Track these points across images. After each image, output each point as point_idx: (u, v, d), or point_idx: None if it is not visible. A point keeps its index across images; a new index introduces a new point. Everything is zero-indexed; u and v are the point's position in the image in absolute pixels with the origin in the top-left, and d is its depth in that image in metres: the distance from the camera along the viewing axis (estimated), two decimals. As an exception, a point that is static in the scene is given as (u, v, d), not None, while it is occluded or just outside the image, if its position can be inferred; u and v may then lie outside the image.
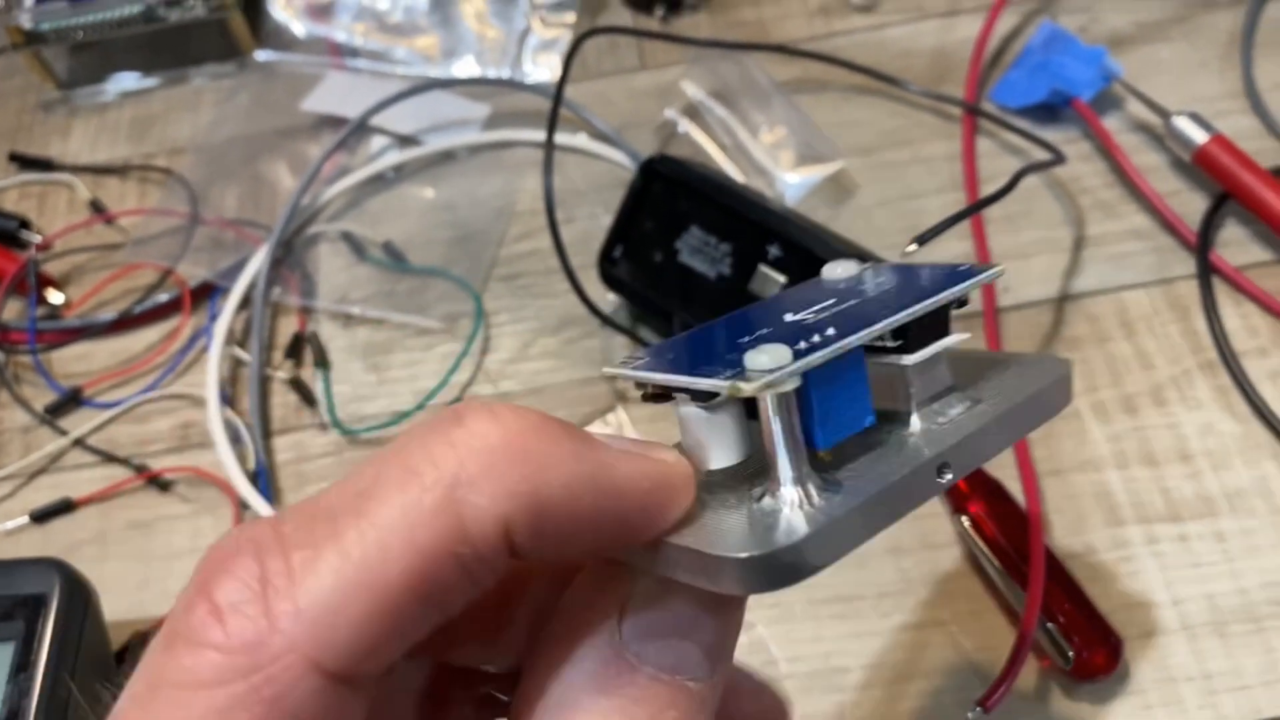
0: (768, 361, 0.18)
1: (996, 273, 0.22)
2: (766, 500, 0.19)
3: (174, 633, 0.15)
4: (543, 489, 0.16)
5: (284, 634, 0.15)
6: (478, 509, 0.16)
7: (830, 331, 0.19)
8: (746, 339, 0.20)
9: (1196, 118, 0.48)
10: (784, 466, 0.19)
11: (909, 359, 0.21)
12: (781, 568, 0.18)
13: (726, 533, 0.19)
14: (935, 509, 0.41)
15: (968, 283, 0.21)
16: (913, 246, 0.36)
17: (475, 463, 0.16)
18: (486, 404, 0.17)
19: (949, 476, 0.20)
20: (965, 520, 0.39)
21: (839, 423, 0.20)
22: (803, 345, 0.19)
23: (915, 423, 0.21)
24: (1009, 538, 0.39)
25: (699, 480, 0.20)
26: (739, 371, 0.18)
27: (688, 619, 0.19)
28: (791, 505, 0.19)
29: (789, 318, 0.21)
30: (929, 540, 0.41)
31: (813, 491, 0.19)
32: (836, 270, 0.23)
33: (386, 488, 0.16)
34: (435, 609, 0.16)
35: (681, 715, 0.18)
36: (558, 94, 0.48)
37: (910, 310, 0.20)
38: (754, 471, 0.20)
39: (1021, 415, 0.22)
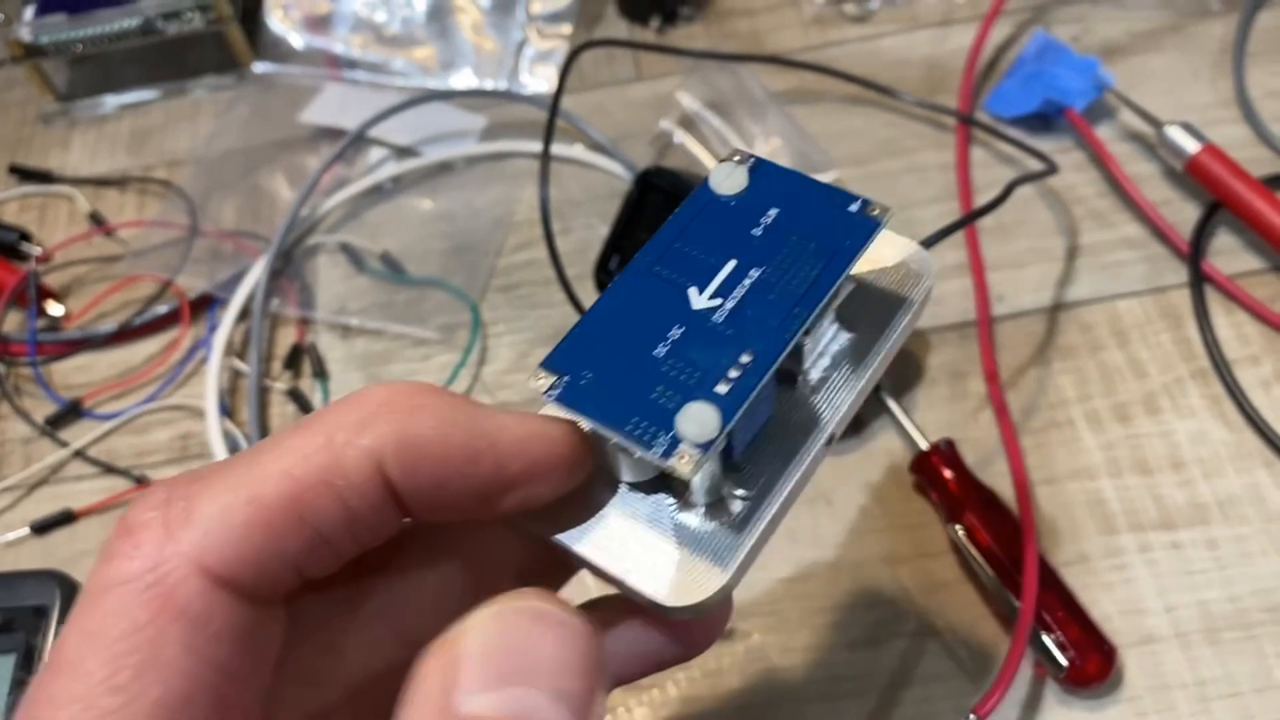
0: (698, 433, 0.19)
1: (885, 220, 0.22)
2: (686, 517, 0.21)
3: (101, 552, 0.19)
4: (411, 427, 0.19)
5: (175, 541, 0.18)
6: (352, 446, 0.19)
7: (745, 360, 0.20)
8: (663, 349, 0.21)
9: (1188, 127, 0.48)
10: (701, 494, 0.21)
11: (805, 338, 0.22)
12: (704, 607, 0.20)
13: (648, 563, 0.21)
14: (930, 518, 0.42)
15: (860, 250, 0.22)
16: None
17: (355, 414, 0.19)
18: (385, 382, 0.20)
19: (834, 444, 0.23)
20: (959, 529, 0.40)
21: (751, 431, 0.22)
22: (724, 390, 0.20)
23: (805, 382, 0.23)
24: (1002, 546, 0.39)
25: (595, 455, 0.21)
26: (671, 445, 0.19)
27: (525, 669, 0.18)
28: (712, 528, 0.21)
29: (697, 300, 0.21)
30: (924, 549, 0.41)
31: (730, 511, 0.21)
32: (726, 185, 0.23)
33: (280, 439, 0.19)
34: (310, 531, 0.18)
35: None
36: (554, 105, 0.48)
37: (818, 304, 0.21)
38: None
39: (895, 345, 0.24)
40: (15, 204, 0.58)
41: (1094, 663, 0.37)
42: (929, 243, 0.37)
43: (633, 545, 0.21)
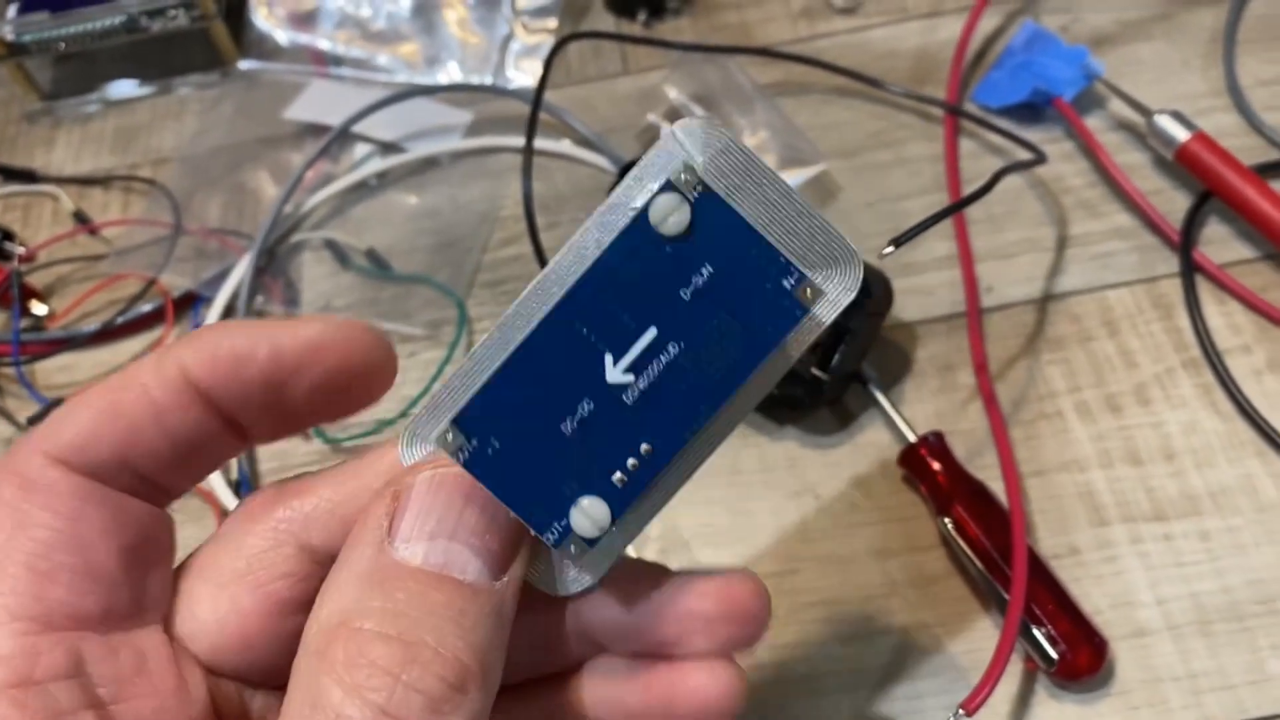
0: (588, 527, 0.21)
1: (814, 309, 0.22)
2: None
3: None
4: (212, 343, 0.22)
5: (31, 439, 0.22)
6: (161, 365, 0.22)
7: (644, 450, 0.21)
8: (570, 425, 0.21)
9: (1178, 116, 0.48)
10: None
11: None
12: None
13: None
14: (919, 511, 0.41)
15: (781, 341, 0.22)
16: (890, 249, 0.36)
17: (165, 348, 0.23)
18: None
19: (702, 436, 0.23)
20: (948, 522, 0.39)
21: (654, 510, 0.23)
22: (619, 482, 0.21)
23: None
24: (992, 539, 0.38)
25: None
26: (563, 534, 0.21)
27: (452, 524, 0.21)
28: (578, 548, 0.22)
29: (611, 373, 0.21)
30: (913, 543, 0.41)
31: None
32: (667, 225, 0.21)
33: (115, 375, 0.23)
34: (131, 425, 0.22)
35: (449, 600, 0.20)
36: (536, 98, 0.48)
37: (724, 401, 0.22)
38: None
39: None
40: (-1, 203, 0.58)
41: (1085, 656, 0.36)
42: (911, 235, 0.36)
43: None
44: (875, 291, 0.43)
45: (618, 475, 0.21)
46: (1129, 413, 0.43)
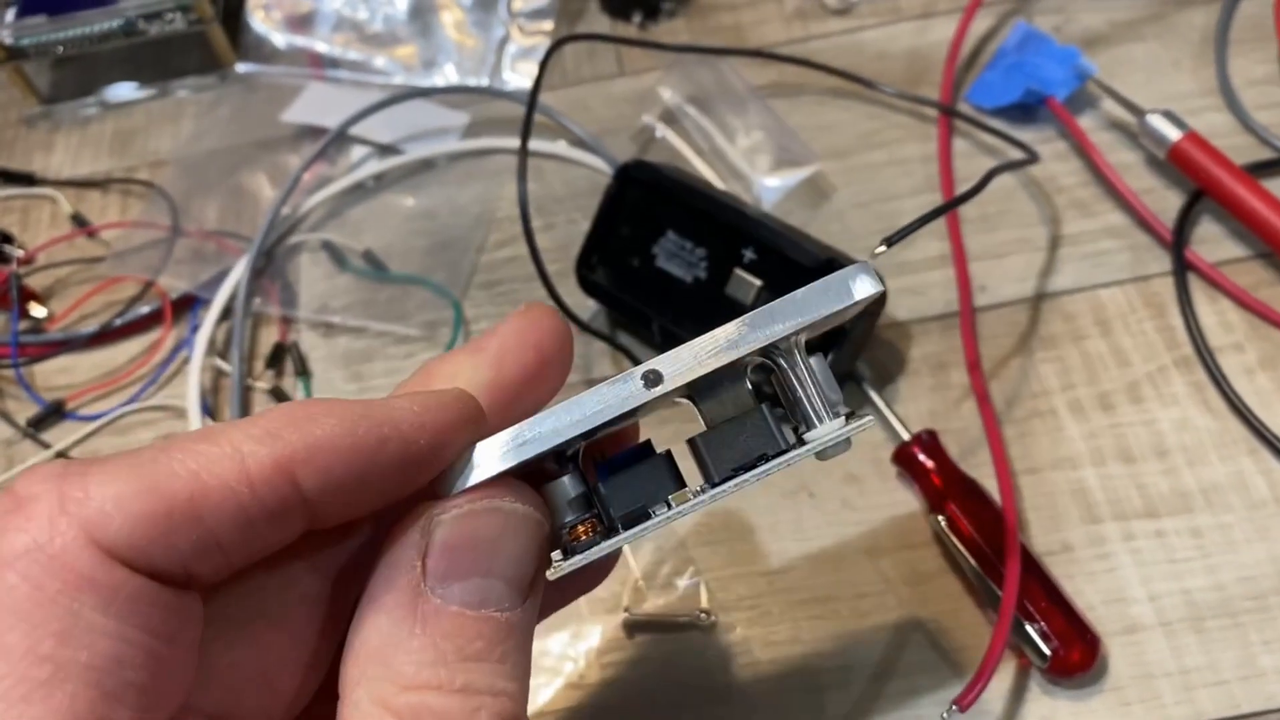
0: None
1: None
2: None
3: None
4: (316, 431, 0.19)
5: (68, 515, 0.18)
6: (257, 458, 0.19)
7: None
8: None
9: (1170, 115, 0.48)
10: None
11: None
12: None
13: None
14: (912, 508, 0.41)
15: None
16: (881, 248, 0.36)
17: (260, 427, 0.19)
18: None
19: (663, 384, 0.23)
20: (941, 519, 0.40)
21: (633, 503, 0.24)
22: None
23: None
24: (985, 536, 0.39)
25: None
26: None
27: (487, 560, 0.21)
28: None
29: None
30: (906, 540, 0.41)
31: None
32: None
33: (187, 442, 0.19)
34: (203, 531, 0.19)
35: (490, 642, 0.20)
36: (531, 99, 0.48)
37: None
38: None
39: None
40: (-2, 207, 0.58)
41: (1077, 652, 0.37)
42: (903, 235, 0.36)
43: None
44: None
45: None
46: (1121, 411, 0.43)
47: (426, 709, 0.19)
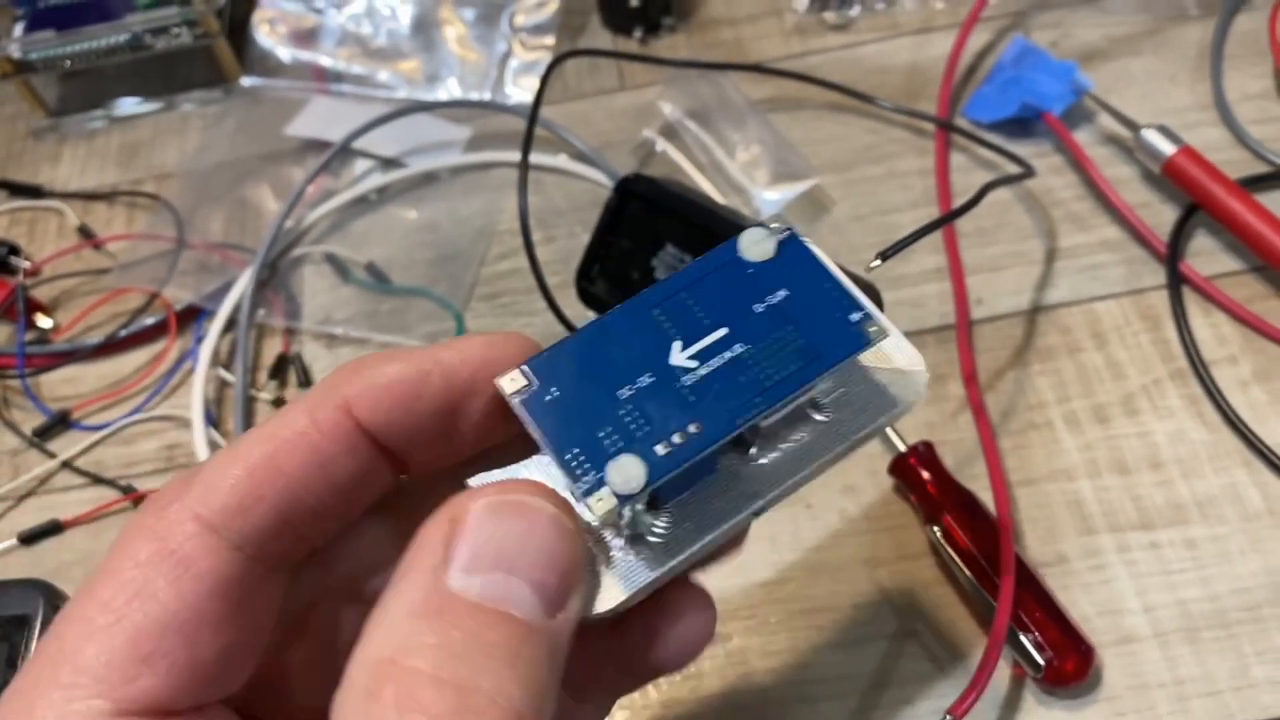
0: (621, 483, 0.21)
1: (875, 340, 0.23)
2: (607, 535, 0.23)
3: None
4: (369, 373, 0.22)
5: (182, 499, 0.21)
6: (322, 406, 0.21)
7: (693, 429, 0.21)
8: (628, 392, 0.22)
9: (1165, 130, 0.49)
10: (623, 525, 0.22)
11: (762, 421, 0.23)
12: (590, 619, 0.22)
13: None
14: (909, 520, 0.42)
15: (840, 363, 0.22)
16: (876, 262, 0.36)
17: (325, 384, 0.22)
18: None
19: (763, 514, 0.24)
20: (937, 530, 0.40)
21: (682, 489, 0.23)
22: (661, 452, 0.21)
23: (758, 453, 0.24)
24: (980, 547, 0.39)
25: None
26: (594, 486, 0.21)
27: (511, 556, 0.20)
28: (622, 554, 0.22)
29: (676, 356, 0.22)
30: (903, 551, 0.41)
31: (646, 547, 0.22)
32: (753, 250, 0.24)
33: (270, 418, 0.22)
34: (287, 479, 0.21)
35: (504, 639, 0.19)
36: (533, 114, 0.49)
37: (778, 402, 0.22)
38: None
39: (860, 442, 0.24)
40: (5, 218, 0.59)
41: (1072, 662, 0.37)
42: (898, 248, 0.37)
43: None
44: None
45: (661, 446, 0.21)
46: (1116, 423, 0.43)
47: (412, 697, 0.18)
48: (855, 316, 0.23)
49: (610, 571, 0.22)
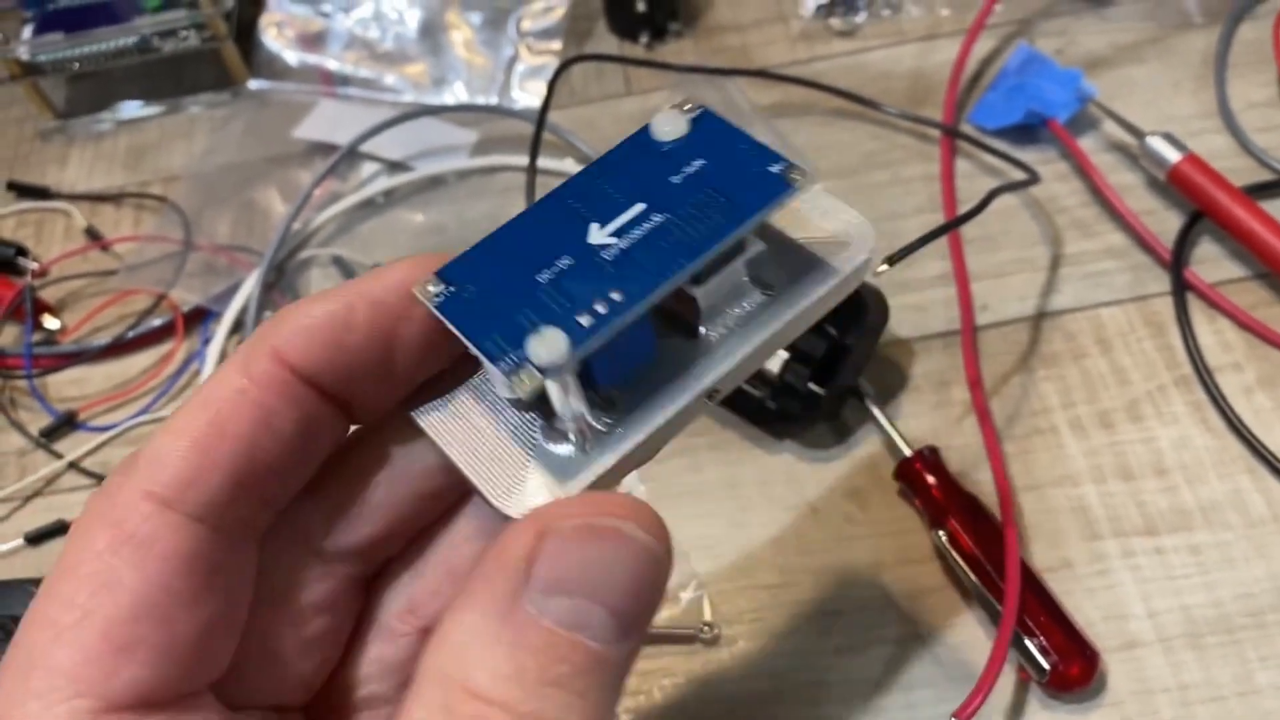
0: (543, 356, 0.19)
1: (799, 187, 0.22)
2: (549, 436, 0.22)
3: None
4: (295, 316, 0.21)
5: (128, 477, 0.20)
6: (254, 360, 0.21)
7: (615, 297, 0.20)
8: (546, 275, 0.21)
9: (1170, 138, 0.49)
10: (564, 419, 0.21)
11: (696, 290, 0.22)
12: None
13: (498, 469, 0.22)
14: (914, 524, 0.42)
15: (762, 210, 0.21)
16: (884, 267, 0.36)
17: (255, 337, 0.21)
18: None
19: (718, 398, 0.22)
20: (942, 534, 0.40)
21: (619, 367, 0.22)
22: (584, 322, 0.20)
23: (705, 336, 0.22)
24: (985, 552, 0.39)
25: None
26: (519, 363, 0.20)
27: (594, 583, 0.19)
28: (570, 451, 0.21)
29: (595, 235, 0.22)
30: (909, 555, 0.41)
31: (588, 435, 0.21)
32: (665, 130, 0.23)
33: (205, 383, 0.21)
34: (233, 439, 0.20)
35: (576, 670, 0.18)
36: (540, 118, 0.49)
37: (702, 256, 0.21)
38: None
39: (807, 314, 0.23)
40: (13, 219, 0.59)
41: (1077, 667, 0.37)
42: (904, 253, 0.37)
43: (490, 450, 0.22)
44: (872, 308, 0.44)
45: (584, 317, 0.20)
46: (1121, 429, 0.43)
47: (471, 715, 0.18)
48: (776, 167, 0.22)
49: (549, 472, 0.21)
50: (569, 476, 0.21)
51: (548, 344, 0.19)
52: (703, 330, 0.22)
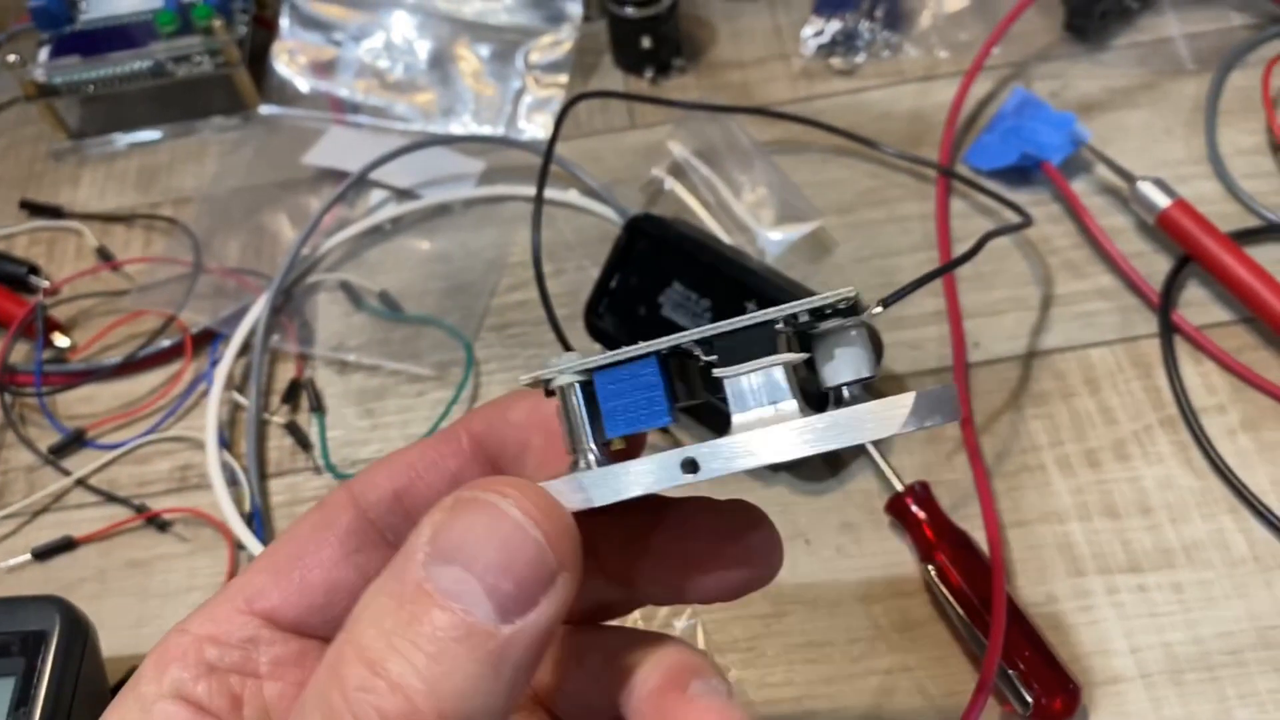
0: (556, 362, 0.22)
1: (835, 297, 0.22)
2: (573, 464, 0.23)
3: None
4: (368, 475, 0.26)
5: (345, 487, 0.26)
6: (448, 432, 0.26)
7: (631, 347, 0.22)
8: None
9: (1160, 183, 0.50)
10: (566, 441, 0.23)
11: (718, 371, 0.22)
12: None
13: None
14: (905, 557, 0.43)
15: (786, 308, 0.22)
16: (878, 309, 0.37)
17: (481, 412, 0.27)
18: None
19: (698, 473, 0.22)
20: (931, 569, 0.41)
21: (625, 418, 0.22)
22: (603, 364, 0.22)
23: (734, 422, 0.22)
24: (973, 586, 0.40)
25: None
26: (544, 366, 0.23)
27: (469, 557, 0.20)
28: (569, 472, 0.22)
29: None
30: (899, 588, 0.42)
31: (582, 466, 0.23)
32: None
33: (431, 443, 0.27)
34: (410, 476, 0.26)
35: (433, 634, 0.19)
36: (548, 152, 0.50)
37: (706, 328, 0.22)
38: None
39: (826, 446, 0.22)
40: (25, 238, 0.60)
41: (1059, 701, 0.38)
42: (899, 295, 0.38)
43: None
44: (866, 346, 0.45)
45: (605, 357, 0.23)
46: (1108, 468, 0.44)
47: (335, 669, 0.19)
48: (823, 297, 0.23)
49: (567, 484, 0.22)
50: (575, 494, 0.22)
51: (565, 357, 0.22)
52: (735, 420, 0.22)
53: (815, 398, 0.23)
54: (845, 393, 0.23)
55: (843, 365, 0.23)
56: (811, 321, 0.22)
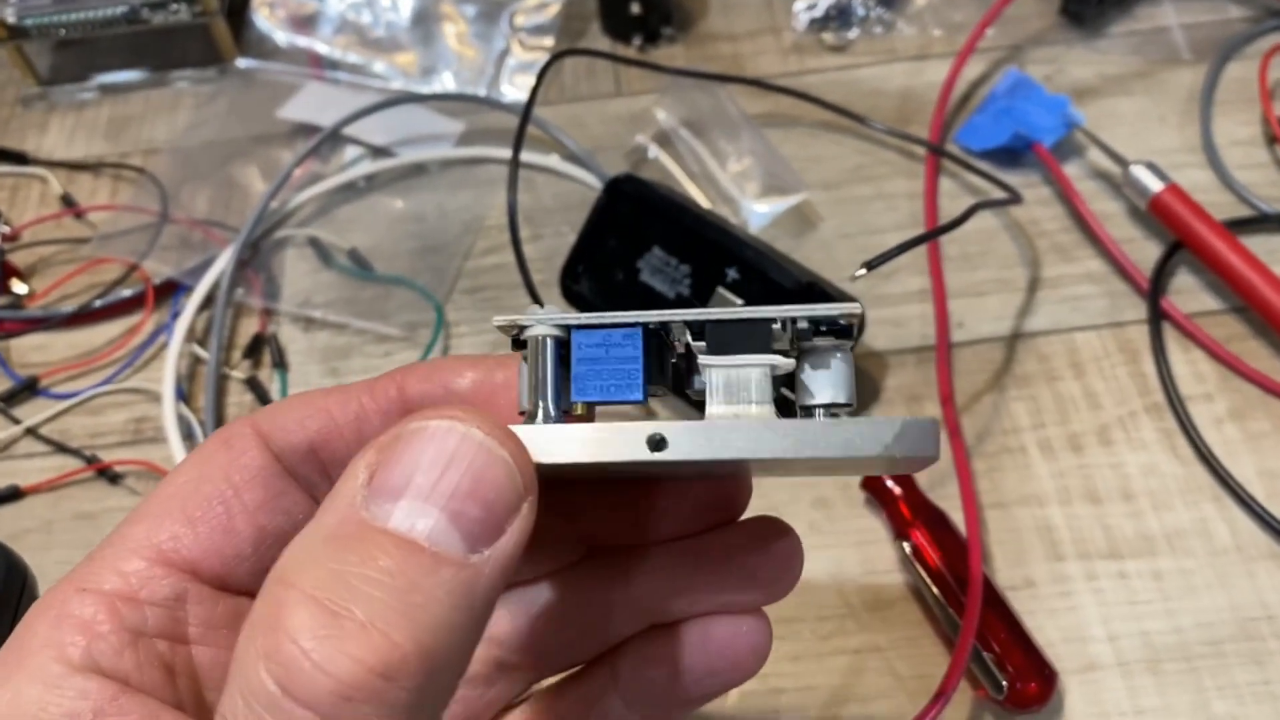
0: (536, 310, 0.22)
1: (841, 310, 0.22)
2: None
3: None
4: (276, 416, 0.23)
5: (252, 413, 0.24)
6: (377, 381, 0.24)
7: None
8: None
9: (1153, 167, 0.49)
10: (524, 398, 0.22)
11: (702, 359, 0.22)
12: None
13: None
14: (879, 535, 0.42)
15: (789, 310, 0.22)
16: (861, 270, 0.36)
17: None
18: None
19: (664, 452, 0.20)
20: (906, 546, 0.40)
21: (597, 385, 0.22)
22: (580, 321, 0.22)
23: (709, 411, 0.22)
24: (949, 566, 0.39)
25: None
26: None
27: (432, 482, 0.18)
28: (525, 425, 0.21)
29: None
30: (871, 566, 0.41)
31: (539, 419, 0.22)
32: None
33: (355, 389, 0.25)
34: (331, 426, 0.23)
35: (400, 568, 0.17)
36: (526, 109, 0.49)
37: (702, 312, 0.22)
38: None
39: (796, 462, 0.21)
40: (-13, 183, 0.58)
41: (1034, 686, 0.37)
42: (883, 259, 0.37)
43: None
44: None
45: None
46: (1090, 452, 0.43)
47: (279, 617, 0.17)
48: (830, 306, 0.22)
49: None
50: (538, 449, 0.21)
51: (548, 307, 0.22)
52: (711, 410, 0.22)
53: (782, 406, 0.22)
54: (818, 414, 0.22)
55: (825, 386, 0.22)
56: (808, 330, 0.22)
